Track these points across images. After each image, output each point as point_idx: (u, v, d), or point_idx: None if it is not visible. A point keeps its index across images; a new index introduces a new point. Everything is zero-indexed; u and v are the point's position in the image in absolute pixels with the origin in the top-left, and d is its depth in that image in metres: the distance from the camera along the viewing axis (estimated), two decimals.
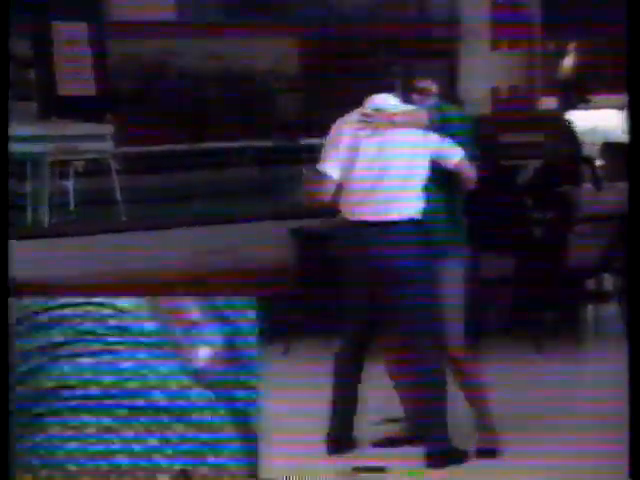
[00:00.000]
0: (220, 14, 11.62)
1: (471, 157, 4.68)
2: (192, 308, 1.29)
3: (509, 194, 6.78)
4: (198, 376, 1.26)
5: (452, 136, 4.59)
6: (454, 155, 4.61)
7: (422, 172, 4.58)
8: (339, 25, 11.37)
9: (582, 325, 7.25)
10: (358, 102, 4.71)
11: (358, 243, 4.62)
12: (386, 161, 4.55)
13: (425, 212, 4.58)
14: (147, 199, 9.18)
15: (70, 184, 8.93)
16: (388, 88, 4.70)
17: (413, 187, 4.56)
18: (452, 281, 4.69)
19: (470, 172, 4.69)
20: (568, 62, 11.73)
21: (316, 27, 11.34)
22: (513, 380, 5.17)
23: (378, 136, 4.57)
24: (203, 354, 1.28)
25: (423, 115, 4.58)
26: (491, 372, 4.95)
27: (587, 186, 7.57)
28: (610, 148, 7.40)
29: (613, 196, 6.84)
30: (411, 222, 4.55)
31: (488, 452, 4.74)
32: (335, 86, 10.89)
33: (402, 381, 4.83)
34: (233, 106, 11.16)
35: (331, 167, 4.61)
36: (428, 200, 4.59)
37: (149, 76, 11.24)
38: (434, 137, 4.58)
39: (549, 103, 11.34)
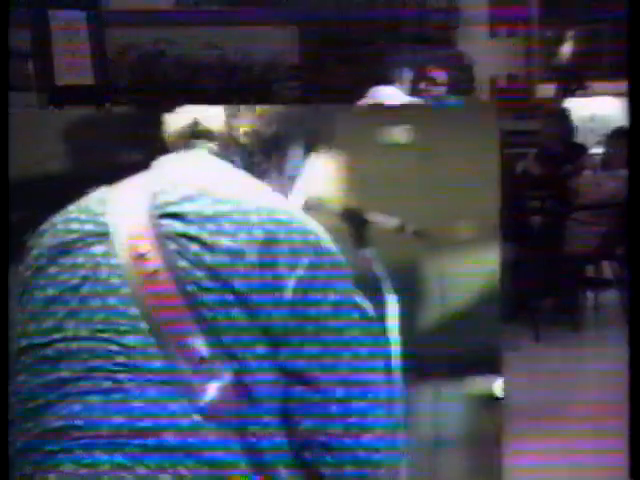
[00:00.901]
0: (219, 2, 11.59)
1: None
2: (200, 344, 1.26)
3: (508, 181, 6.77)
4: (209, 413, 1.23)
5: None
6: None
7: None
8: (335, 10, 11.32)
9: (581, 313, 7.24)
10: (357, 91, 4.65)
11: None
12: None
13: None
14: None
15: None
16: (389, 78, 4.58)
17: None
18: None
19: None
20: (567, 49, 11.69)
21: (313, 13, 11.30)
22: (511, 368, 5.16)
23: None
24: (212, 390, 1.25)
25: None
26: None
27: (587, 173, 7.55)
28: (619, 135, 7.35)
29: (616, 183, 6.83)
30: None
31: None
32: (333, 74, 10.87)
33: None
34: (232, 95, 11.14)
35: None
36: None
37: (148, 65, 11.22)
38: None
39: (548, 91, 11.31)
